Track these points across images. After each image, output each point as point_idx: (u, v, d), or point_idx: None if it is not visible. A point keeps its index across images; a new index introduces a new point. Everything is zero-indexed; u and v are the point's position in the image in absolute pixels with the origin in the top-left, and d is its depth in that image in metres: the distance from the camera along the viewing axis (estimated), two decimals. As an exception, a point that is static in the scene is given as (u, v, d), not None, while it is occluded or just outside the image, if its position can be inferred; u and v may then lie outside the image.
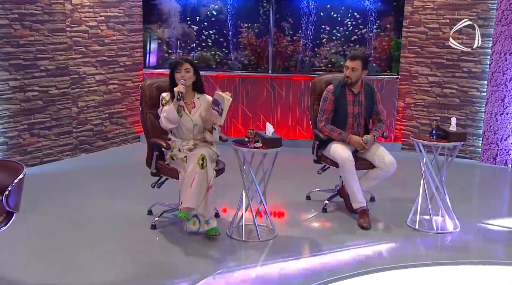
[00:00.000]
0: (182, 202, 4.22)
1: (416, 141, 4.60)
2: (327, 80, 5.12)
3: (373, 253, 4.24)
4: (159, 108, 4.46)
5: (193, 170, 4.21)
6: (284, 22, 7.15)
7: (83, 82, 6.42)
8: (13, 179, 3.05)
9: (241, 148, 4.27)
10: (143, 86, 4.66)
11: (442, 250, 4.36)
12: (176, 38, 7.26)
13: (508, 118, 6.42)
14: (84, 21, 6.32)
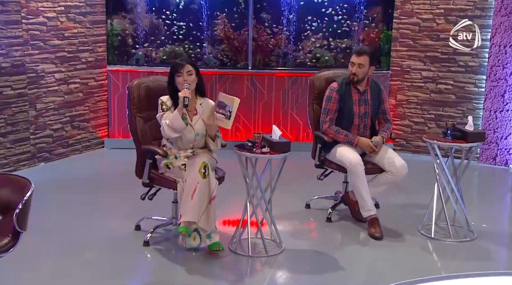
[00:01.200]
0: (182, 215, 4.24)
1: (430, 143, 4.78)
2: (327, 77, 5.24)
3: (392, 266, 4.36)
4: (158, 113, 4.45)
5: (194, 179, 4.23)
6: (263, 13, 7.23)
7: (41, 81, 6.31)
8: (18, 195, 3.02)
9: (247, 154, 4.32)
10: (131, 86, 4.66)
11: (466, 259, 4.51)
12: (143, 31, 7.23)
13: (509, 115, 6.72)
14: (41, 12, 6.22)
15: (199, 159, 4.30)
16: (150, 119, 4.65)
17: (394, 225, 5.00)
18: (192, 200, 4.22)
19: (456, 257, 4.58)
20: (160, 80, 4.81)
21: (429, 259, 4.54)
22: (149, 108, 4.64)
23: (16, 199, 3.05)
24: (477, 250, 4.66)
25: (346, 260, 4.40)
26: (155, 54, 7.27)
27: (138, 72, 7.11)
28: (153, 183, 4.54)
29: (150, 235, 4.56)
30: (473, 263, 4.44)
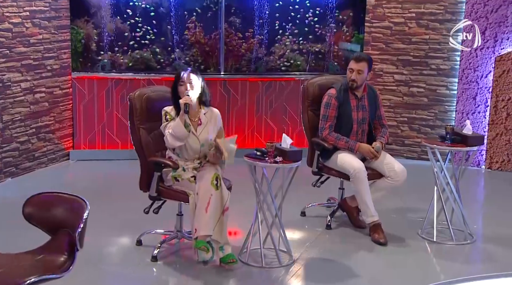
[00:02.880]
0: (197, 230, 4.33)
1: (430, 147, 5.07)
2: (320, 83, 5.45)
3: (403, 271, 4.62)
4: (162, 124, 4.53)
5: (207, 191, 4.34)
6: (234, 17, 7.38)
7: (7, 91, 6.21)
8: (70, 214, 3.08)
9: (260, 164, 4.46)
10: (133, 98, 4.70)
11: (471, 262, 4.86)
12: (108, 36, 7.21)
13: (480, 117, 7.16)
14: (7, 18, 6.13)
15: (210, 171, 4.42)
16: (153, 130, 4.73)
17: (393, 230, 5.24)
18: (207, 213, 4.32)
19: (461, 260, 4.90)
20: (161, 90, 4.90)
21: (436, 263, 4.84)
22: (151, 119, 4.71)
23: (68, 219, 3.11)
24: (479, 252, 5.00)
25: (357, 267, 4.62)
26: (122, 60, 7.26)
27: (106, 79, 7.11)
28: (161, 196, 4.60)
29: (158, 250, 4.62)
30: (478, 265, 4.78)
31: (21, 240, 3.77)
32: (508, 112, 7.06)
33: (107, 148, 7.23)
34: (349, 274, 4.52)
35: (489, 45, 7.05)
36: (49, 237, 3.22)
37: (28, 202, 3.23)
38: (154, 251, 4.61)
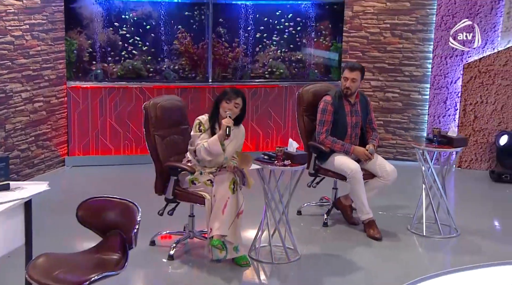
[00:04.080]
0: (213, 229, 4.55)
1: (418, 149, 5.42)
2: (314, 90, 5.75)
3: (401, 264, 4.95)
4: (194, 132, 4.72)
5: (225, 194, 4.57)
6: (220, 28, 7.61)
7: (10, 101, 6.31)
8: (122, 217, 3.28)
9: (271, 167, 4.72)
10: (148, 107, 4.89)
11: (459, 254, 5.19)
12: (100, 47, 7.35)
13: (450, 119, 7.57)
14: (9, 31, 6.22)
15: (228, 176, 4.64)
16: (166, 136, 4.93)
17: (384, 226, 5.54)
18: (223, 215, 4.55)
19: (448, 252, 5.27)
20: (173, 99, 5.13)
21: (426, 255, 5.20)
22: (165, 126, 4.93)
23: (120, 221, 3.31)
24: (464, 244, 5.35)
25: (356, 260, 4.93)
26: (114, 70, 7.41)
27: (99, 88, 7.25)
28: (177, 198, 4.81)
29: (174, 249, 4.82)
30: (464, 257, 5.10)
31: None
32: (476, 115, 7.49)
33: (100, 154, 7.37)
34: (350, 267, 4.82)
35: (457, 54, 7.47)
36: (100, 237, 3.41)
37: (80, 207, 3.42)
38: (171, 251, 4.82)
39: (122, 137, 7.42)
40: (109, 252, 3.29)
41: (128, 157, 7.43)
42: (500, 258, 5.10)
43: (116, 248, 3.28)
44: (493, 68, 7.40)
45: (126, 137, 7.43)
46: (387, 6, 7.56)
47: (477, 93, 7.45)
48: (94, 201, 3.42)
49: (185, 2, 7.55)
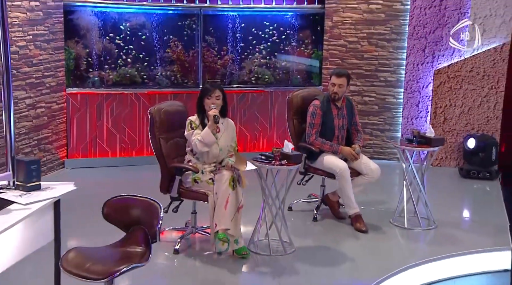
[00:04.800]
0: (217, 224, 4.70)
1: (400, 148, 5.63)
2: (303, 95, 5.93)
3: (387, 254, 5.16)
4: (187, 132, 4.87)
5: (226, 191, 4.72)
6: (209, 37, 7.74)
7: (15, 108, 6.34)
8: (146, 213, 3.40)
9: (269, 166, 4.88)
10: (153, 112, 5.01)
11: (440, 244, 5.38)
12: (96, 55, 7.43)
13: (422, 121, 7.82)
14: (14, 42, 6.28)
15: (227, 174, 4.79)
16: (170, 139, 5.06)
17: (369, 220, 5.73)
18: (226, 210, 4.70)
19: (428, 243, 5.48)
20: (175, 104, 5.26)
21: (408, 246, 5.41)
22: (169, 130, 5.06)
23: (143, 217, 3.43)
24: (441, 235, 5.56)
25: (348, 252, 5.11)
26: (110, 77, 7.50)
27: (96, 95, 7.32)
28: (182, 196, 4.94)
29: (179, 244, 4.95)
30: (443, 247, 5.31)
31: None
32: (445, 117, 7.75)
33: (98, 156, 7.44)
34: (340, 258, 5.01)
35: (428, 61, 7.72)
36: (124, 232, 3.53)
37: (105, 205, 3.54)
38: (176, 245, 4.94)
39: (118, 140, 7.51)
40: (133, 246, 3.41)
41: (124, 158, 7.52)
42: (474, 247, 5.35)
43: (140, 241, 3.40)
44: (460, 74, 7.66)
45: (122, 140, 7.52)
46: (364, 17, 7.78)
47: (446, 97, 7.71)
48: (118, 199, 3.54)
49: (177, 13, 7.67)
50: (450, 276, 5.09)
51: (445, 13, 7.62)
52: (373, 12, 7.76)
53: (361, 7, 7.76)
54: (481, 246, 5.36)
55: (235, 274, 4.68)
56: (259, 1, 7.82)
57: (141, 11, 7.55)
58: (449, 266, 5.11)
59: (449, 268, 5.11)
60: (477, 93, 7.67)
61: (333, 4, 7.79)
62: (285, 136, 7.89)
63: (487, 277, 5.18)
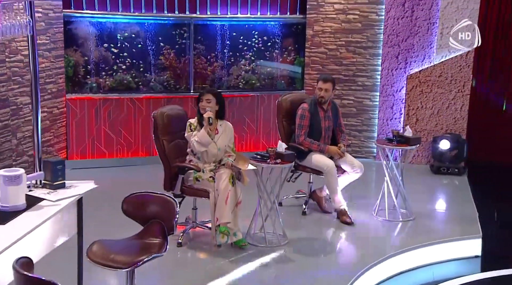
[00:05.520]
0: (219, 218, 4.87)
1: (380, 147, 5.86)
2: (291, 99, 6.12)
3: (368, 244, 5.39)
4: (187, 133, 5.02)
5: (226, 187, 4.89)
6: (199, 45, 7.89)
7: (20, 112, 6.44)
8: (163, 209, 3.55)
9: (265, 165, 5.06)
10: (156, 115, 5.15)
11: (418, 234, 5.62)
12: (94, 62, 7.52)
13: (396, 122, 8.07)
14: (19, 51, 6.35)
15: (227, 172, 4.96)
16: (172, 141, 5.21)
17: (353, 213, 5.93)
18: (226, 205, 4.88)
19: (409, 233, 5.71)
20: (176, 108, 5.42)
21: (390, 236, 5.64)
22: (170, 132, 5.21)
23: (160, 212, 3.59)
24: (419, 226, 5.80)
25: (335, 242, 5.39)
26: (106, 83, 7.60)
27: (94, 100, 7.42)
28: (184, 193, 5.08)
29: (182, 238, 5.10)
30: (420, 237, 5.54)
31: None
32: (417, 118, 8.01)
33: (96, 157, 7.53)
34: (329, 248, 5.27)
35: (401, 67, 7.98)
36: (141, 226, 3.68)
37: (124, 201, 3.67)
38: (179, 239, 5.09)
39: (115, 142, 7.61)
40: (151, 238, 3.55)
41: (120, 159, 7.62)
42: (448, 236, 5.60)
43: (157, 234, 3.54)
44: (430, 79, 7.93)
45: (118, 142, 7.62)
46: (342, 26, 8.00)
47: (418, 100, 7.97)
48: (136, 196, 3.68)
49: (169, 23, 7.79)
50: (427, 263, 5.32)
51: (416, 23, 7.88)
52: (350, 22, 7.98)
53: (339, 17, 7.98)
54: (454, 235, 5.61)
55: (235, 264, 4.85)
56: (246, 12, 7.99)
57: (135, 21, 7.66)
58: (426, 254, 5.35)
59: (427, 256, 5.35)
60: (445, 96, 7.95)
61: (313, 14, 8.00)
62: (270, 137, 8.11)
63: (461, 263, 5.43)
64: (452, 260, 5.44)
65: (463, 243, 5.54)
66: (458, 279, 5.11)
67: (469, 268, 5.36)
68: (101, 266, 3.31)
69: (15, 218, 3.09)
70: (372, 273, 4.89)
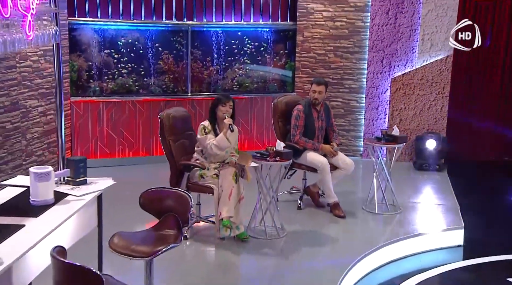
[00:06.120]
0: (222, 212, 5.02)
1: (370, 145, 6.05)
2: (286, 101, 6.30)
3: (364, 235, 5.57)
4: (201, 135, 5.14)
5: (230, 184, 5.04)
6: (196, 50, 8.03)
7: (29, 115, 6.52)
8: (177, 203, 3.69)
9: (265, 162, 5.22)
10: (163, 117, 5.28)
11: (406, 225, 5.82)
12: (96, 67, 7.62)
13: (381, 122, 8.28)
14: (28, 56, 6.44)
15: (230, 169, 5.11)
16: (177, 140, 5.34)
17: (345, 207, 6.08)
18: (230, 200, 5.02)
19: (397, 224, 5.89)
20: (180, 110, 5.58)
21: (379, 228, 5.82)
22: (176, 132, 5.35)
23: (175, 206, 3.73)
24: (405, 219, 6.00)
25: (329, 235, 5.51)
26: (108, 86, 7.70)
27: (97, 102, 7.52)
28: (190, 190, 5.22)
29: (187, 231, 5.23)
30: (406, 228, 5.75)
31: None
32: (401, 118, 8.22)
33: (99, 157, 7.63)
34: (324, 240, 5.41)
35: (386, 70, 8.19)
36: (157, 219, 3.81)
37: (141, 196, 3.81)
38: (184, 232, 5.17)
39: (117, 143, 7.72)
40: (167, 230, 3.69)
41: (122, 159, 7.73)
42: (433, 227, 5.82)
43: (172, 226, 3.68)
44: (413, 81, 8.15)
45: (120, 143, 7.74)
46: (331, 33, 8.19)
47: (401, 101, 8.18)
48: (152, 191, 3.82)
49: (167, 30, 7.92)
50: (415, 252, 5.51)
51: (399, 29, 8.09)
52: (338, 29, 8.17)
53: (328, 24, 8.17)
54: (439, 226, 5.83)
55: (238, 255, 5.00)
56: (239, 19, 8.14)
57: (135, 28, 7.77)
58: (414, 244, 5.54)
59: (414, 245, 5.54)
60: (426, 98, 8.17)
61: (303, 21, 8.18)
62: (263, 137, 8.27)
63: (445, 251, 5.63)
64: (437, 249, 5.63)
65: (446, 234, 5.75)
66: (443, 266, 5.31)
67: (453, 256, 5.53)
68: (123, 255, 3.44)
69: (46, 212, 3.21)
70: (365, 263, 5.06)
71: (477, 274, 5.23)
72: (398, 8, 8.03)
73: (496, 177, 7.98)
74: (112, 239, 3.56)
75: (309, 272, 4.72)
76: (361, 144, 8.38)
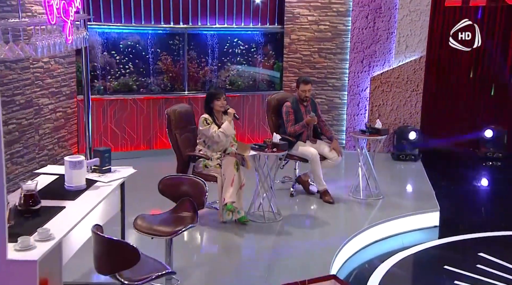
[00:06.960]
0: (225, 198, 5.26)
1: (354, 137, 6.34)
2: (277, 98, 6.56)
3: (351, 218, 5.88)
4: (203, 127, 5.37)
5: (232, 172, 5.29)
6: (193, 51, 8.24)
7: (41, 112, 6.68)
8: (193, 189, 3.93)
9: (263, 153, 5.47)
10: (169, 112, 5.50)
11: (388, 209, 6.10)
12: (100, 68, 7.79)
13: (362, 117, 8.58)
14: (40, 59, 6.59)
15: (232, 159, 5.36)
16: (183, 133, 5.56)
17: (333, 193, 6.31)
18: (232, 187, 5.27)
19: (381, 208, 6.16)
20: (184, 106, 5.83)
21: (365, 212, 6.10)
22: (181, 126, 5.58)
23: (191, 191, 3.96)
24: (388, 203, 6.28)
25: (320, 218, 5.79)
26: (111, 85, 7.87)
27: (101, 100, 7.70)
28: (196, 178, 5.45)
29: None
30: (389, 211, 6.04)
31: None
32: (379, 113, 8.53)
33: (103, 151, 7.80)
34: (315, 223, 5.70)
35: (366, 70, 8.49)
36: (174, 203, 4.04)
37: (160, 182, 4.03)
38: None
39: (120, 138, 7.91)
40: (184, 212, 3.93)
41: (124, 152, 7.90)
42: (411, 210, 6.10)
43: (189, 209, 3.92)
44: (390, 80, 8.46)
45: (123, 138, 7.92)
46: (315, 35, 8.46)
47: (380, 98, 8.49)
48: (170, 178, 4.06)
49: (166, 33, 8.12)
50: (397, 233, 5.81)
51: (377, 32, 8.39)
52: (322, 32, 8.44)
53: (312, 27, 8.44)
54: (417, 209, 6.12)
55: (240, 237, 5.25)
56: (231, 23, 8.37)
57: (136, 31, 7.96)
58: (395, 226, 5.84)
59: (396, 227, 5.83)
60: (402, 95, 8.49)
61: (290, 25, 8.44)
62: (254, 131, 8.52)
63: (423, 232, 5.92)
64: (416, 230, 5.93)
65: (424, 216, 6.05)
66: (422, 245, 5.61)
67: (430, 236, 5.84)
68: (147, 235, 3.67)
69: (80, 195, 3.43)
70: (352, 243, 5.34)
71: (452, 251, 5.54)
72: (376, 13, 8.34)
73: (466, 165, 8.34)
74: (136, 221, 3.79)
75: (304, 252, 4.99)
76: (344, 137, 8.68)
